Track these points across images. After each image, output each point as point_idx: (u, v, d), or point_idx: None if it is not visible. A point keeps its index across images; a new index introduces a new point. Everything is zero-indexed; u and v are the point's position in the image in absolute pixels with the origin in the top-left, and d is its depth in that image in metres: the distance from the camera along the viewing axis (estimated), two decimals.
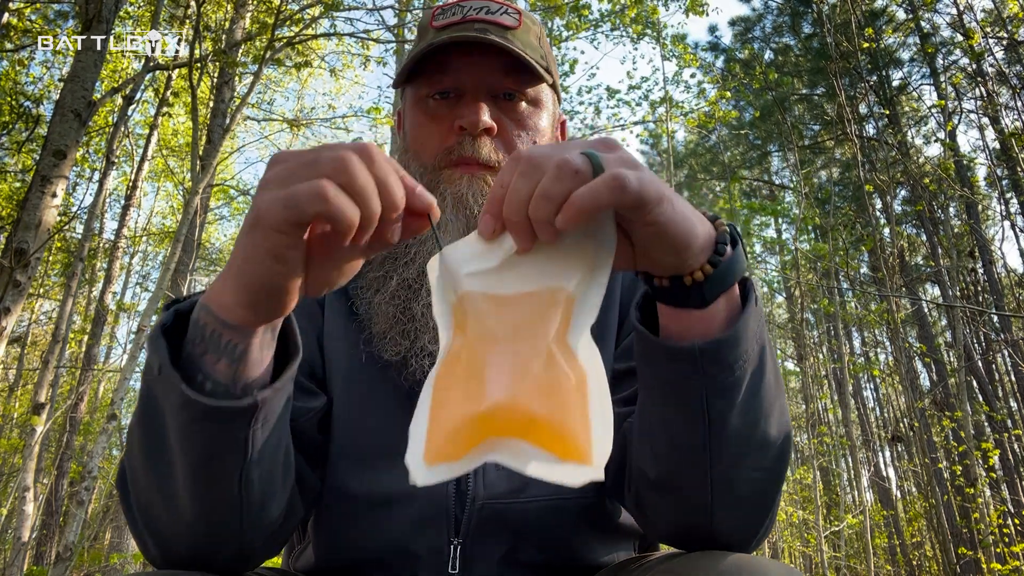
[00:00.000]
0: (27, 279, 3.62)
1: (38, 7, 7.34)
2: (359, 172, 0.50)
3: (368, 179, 0.51)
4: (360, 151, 0.51)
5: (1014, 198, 11.15)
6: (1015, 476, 10.96)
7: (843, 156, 12.60)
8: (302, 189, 0.49)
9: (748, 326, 0.62)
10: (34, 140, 7.28)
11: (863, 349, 15.13)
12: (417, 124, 0.92)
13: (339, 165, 0.50)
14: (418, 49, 0.89)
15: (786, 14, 13.46)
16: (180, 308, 0.63)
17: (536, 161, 0.52)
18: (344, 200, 0.49)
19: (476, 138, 0.87)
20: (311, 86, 13.45)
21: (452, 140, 0.88)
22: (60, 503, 8.98)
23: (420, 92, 0.91)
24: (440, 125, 0.89)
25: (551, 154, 0.52)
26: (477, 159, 0.87)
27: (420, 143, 0.91)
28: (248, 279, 0.54)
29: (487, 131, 0.88)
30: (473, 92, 0.89)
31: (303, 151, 0.52)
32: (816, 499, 6.51)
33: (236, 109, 5.84)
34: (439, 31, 0.90)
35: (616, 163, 0.53)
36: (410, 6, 7.72)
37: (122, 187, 11.18)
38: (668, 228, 0.54)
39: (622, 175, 0.50)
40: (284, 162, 0.53)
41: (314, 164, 0.50)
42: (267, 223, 0.51)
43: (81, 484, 4.09)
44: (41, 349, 13.17)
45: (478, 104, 0.87)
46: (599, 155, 0.52)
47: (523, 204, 0.52)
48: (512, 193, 0.52)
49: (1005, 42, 9.26)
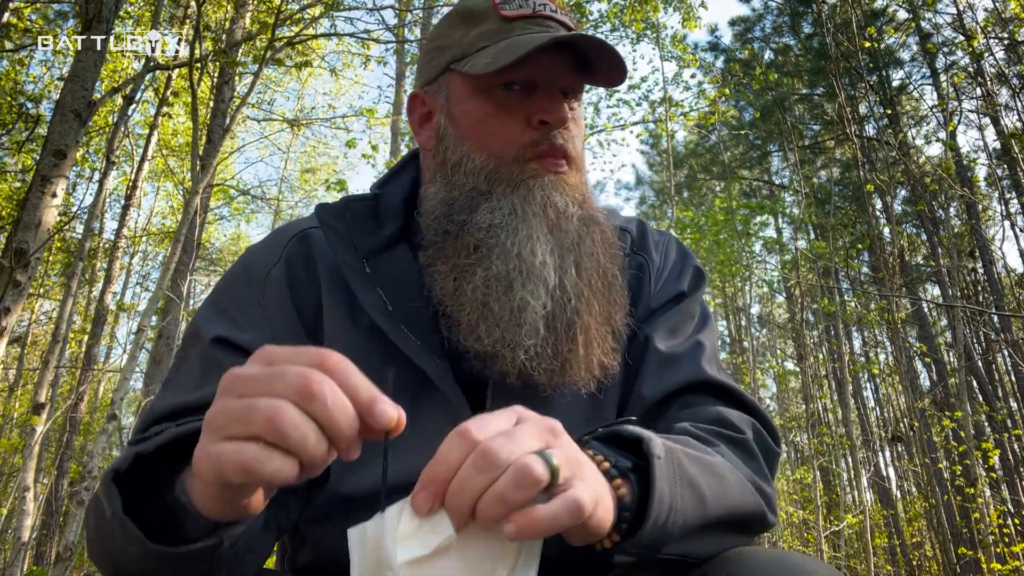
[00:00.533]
0: (27, 279, 3.62)
1: (38, 7, 7.34)
2: (293, 427, 0.50)
3: (305, 430, 0.50)
4: (302, 391, 0.50)
5: (1014, 198, 11.15)
6: (1015, 476, 10.96)
7: (843, 156, 12.61)
8: (227, 453, 0.50)
9: (661, 523, 0.64)
10: (34, 140, 7.28)
11: (863, 349, 15.14)
12: (485, 114, 0.89)
13: (272, 417, 0.50)
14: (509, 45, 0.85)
15: (786, 14, 13.46)
16: (141, 451, 0.64)
17: (493, 458, 0.52)
18: (276, 462, 0.50)
19: (560, 133, 0.88)
20: (311, 86, 13.45)
21: (532, 134, 0.88)
22: (60, 503, 8.98)
23: (483, 81, 0.89)
24: (515, 117, 0.88)
25: (509, 452, 0.52)
26: (565, 150, 0.88)
27: (490, 133, 0.89)
28: (208, 499, 0.57)
29: (564, 126, 0.89)
30: (547, 86, 0.88)
31: (249, 381, 0.53)
32: (816, 499, 6.51)
33: (236, 109, 5.84)
34: (510, 21, 0.89)
35: (567, 469, 0.54)
36: (410, 6, 7.73)
37: (122, 187, 11.18)
38: (589, 525, 0.57)
39: (580, 502, 0.53)
40: (228, 394, 0.53)
41: (247, 418, 0.51)
42: (202, 478, 0.54)
43: (81, 484, 4.09)
44: (41, 349, 13.17)
45: (560, 98, 0.88)
46: (555, 462, 0.53)
47: (474, 498, 0.52)
48: (464, 484, 0.52)
49: (1005, 42, 9.27)
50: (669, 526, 0.64)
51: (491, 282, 0.84)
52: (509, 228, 0.85)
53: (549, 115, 0.87)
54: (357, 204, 0.95)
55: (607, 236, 0.91)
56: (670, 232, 1.10)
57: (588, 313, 0.85)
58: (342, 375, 0.53)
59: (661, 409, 0.90)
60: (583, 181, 0.92)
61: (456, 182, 0.90)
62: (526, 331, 0.82)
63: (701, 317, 1.00)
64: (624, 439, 0.68)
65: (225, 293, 0.94)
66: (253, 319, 0.90)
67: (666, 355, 0.92)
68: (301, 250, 0.95)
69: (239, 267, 0.97)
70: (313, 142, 14.62)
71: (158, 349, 7.01)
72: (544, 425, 0.57)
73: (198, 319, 0.93)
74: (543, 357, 0.82)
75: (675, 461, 0.67)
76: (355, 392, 0.52)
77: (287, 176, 15.34)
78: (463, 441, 0.53)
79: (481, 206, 0.87)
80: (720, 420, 0.85)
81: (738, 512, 0.73)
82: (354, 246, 0.90)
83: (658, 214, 18.18)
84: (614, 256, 0.91)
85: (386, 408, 0.53)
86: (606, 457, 0.65)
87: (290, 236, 0.97)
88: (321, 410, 0.51)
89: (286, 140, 14.79)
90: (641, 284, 0.98)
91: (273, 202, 14.47)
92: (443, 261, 0.87)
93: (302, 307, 0.92)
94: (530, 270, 0.83)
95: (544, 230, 0.85)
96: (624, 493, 0.63)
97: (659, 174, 19.20)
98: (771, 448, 0.88)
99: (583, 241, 0.87)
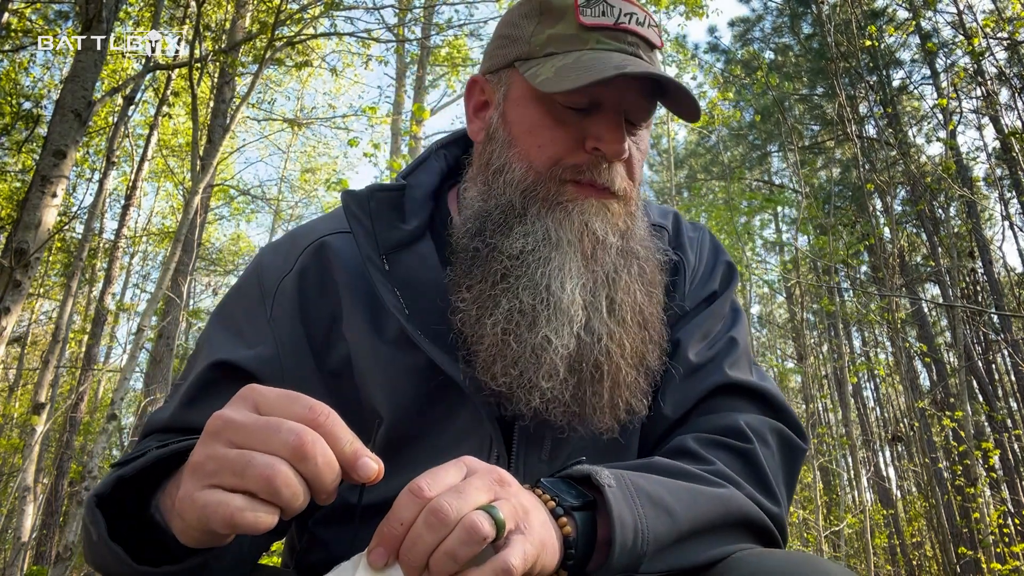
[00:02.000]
0: (27, 279, 3.62)
1: (38, 7, 7.34)
2: (286, 486, 0.52)
3: (297, 489, 0.53)
4: (296, 451, 0.52)
5: (1014, 198, 11.15)
6: (1015, 476, 10.96)
7: (843, 156, 12.60)
8: (213, 504, 0.52)
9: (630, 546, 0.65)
10: (34, 140, 7.28)
11: (863, 349, 15.13)
12: (537, 124, 0.83)
13: (270, 477, 0.51)
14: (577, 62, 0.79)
15: (786, 15, 13.46)
16: (123, 475, 0.66)
17: (443, 516, 0.53)
18: (260, 514, 0.52)
19: (611, 166, 0.82)
20: (311, 86, 13.45)
21: (583, 158, 0.82)
22: (60, 503, 8.98)
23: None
24: (568, 134, 0.82)
25: (457, 510, 0.54)
26: (610, 188, 0.82)
27: (537, 145, 0.83)
28: (185, 536, 0.58)
29: (622, 159, 0.82)
30: (615, 110, 0.81)
31: (240, 430, 0.54)
32: (816, 499, 6.51)
33: (236, 109, 5.84)
34: (588, 31, 0.81)
35: (512, 521, 0.57)
36: (410, 6, 7.73)
37: (122, 187, 11.18)
38: (535, 571, 0.59)
39: (509, 568, 0.54)
40: (217, 440, 0.54)
41: (242, 472, 0.52)
42: (185, 521, 0.55)
43: (81, 484, 4.09)
44: (41, 349, 13.17)
45: (620, 127, 0.81)
46: (500, 516, 0.55)
47: (425, 555, 0.54)
48: (416, 541, 0.54)
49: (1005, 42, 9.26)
50: (640, 546, 0.65)
51: (514, 316, 0.79)
52: (541, 257, 0.80)
53: (604, 144, 0.80)
54: (382, 194, 0.90)
55: (646, 271, 0.86)
56: (704, 226, 1.06)
57: (619, 355, 0.81)
58: (329, 431, 0.54)
59: (681, 421, 0.89)
60: (630, 211, 0.86)
61: (495, 191, 0.86)
62: (544, 372, 0.78)
63: (731, 314, 0.97)
64: (575, 478, 0.69)
65: (237, 304, 0.93)
66: (261, 334, 0.88)
67: (693, 365, 0.90)
68: (316, 261, 0.91)
69: (252, 273, 0.95)
70: (313, 142, 14.62)
71: (158, 349, 7.00)
72: (493, 477, 0.59)
73: (208, 329, 0.93)
74: (559, 401, 0.79)
75: (629, 485, 0.68)
76: (341, 448, 0.55)
77: (287, 176, 15.34)
78: (414, 499, 0.55)
79: (515, 228, 0.82)
80: (730, 429, 0.83)
81: (719, 519, 0.72)
82: (376, 239, 0.86)
83: None
84: (652, 292, 0.86)
85: (368, 463, 0.55)
86: (552, 496, 0.66)
87: (306, 245, 0.93)
88: (312, 470, 0.53)
89: (286, 140, 14.79)
90: (676, 285, 0.95)
91: (273, 202, 14.47)
92: (468, 286, 0.82)
93: (313, 322, 0.89)
94: (557, 305, 0.79)
95: (578, 261, 0.81)
96: (569, 531, 0.64)
97: (659, 174, 19.21)
98: (794, 445, 0.87)
99: (619, 276, 0.82)
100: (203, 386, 0.85)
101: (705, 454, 0.80)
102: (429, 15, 8.36)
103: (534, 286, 0.79)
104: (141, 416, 7.87)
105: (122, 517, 0.66)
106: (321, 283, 0.90)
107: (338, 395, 0.87)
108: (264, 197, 14.20)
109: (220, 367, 0.86)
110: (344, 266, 0.89)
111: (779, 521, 0.79)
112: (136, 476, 0.66)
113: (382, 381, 0.85)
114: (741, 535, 0.75)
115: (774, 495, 0.80)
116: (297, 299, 0.89)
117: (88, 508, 0.64)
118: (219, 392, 0.84)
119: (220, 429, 0.54)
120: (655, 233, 0.94)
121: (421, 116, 6.77)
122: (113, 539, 0.63)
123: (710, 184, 14.16)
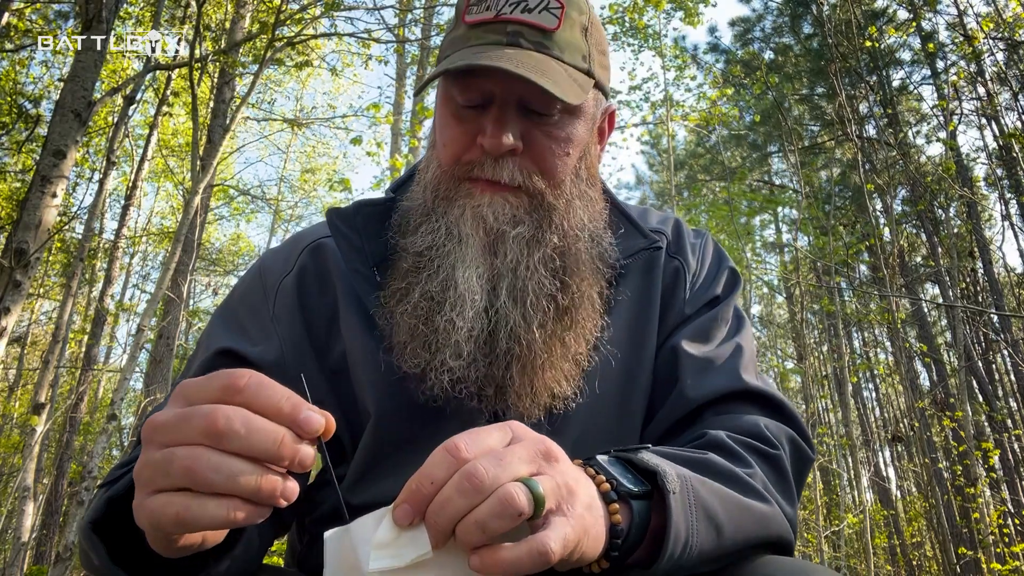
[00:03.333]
0: (27, 279, 3.62)
1: (38, 7, 7.34)
2: (213, 471, 0.49)
3: (230, 469, 0.49)
4: (209, 433, 0.49)
5: (1014, 199, 11.15)
6: (1015, 476, 10.96)
7: (843, 156, 12.61)
8: (159, 507, 0.51)
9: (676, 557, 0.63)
10: (34, 140, 7.28)
11: (863, 349, 15.13)
12: (443, 124, 0.86)
13: (189, 467, 0.49)
14: (437, 69, 0.82)
15: (786, 15, 13.46)
16: (113, 495, 0.65)
17: (477, 482, 0.51)
18: (211, 509, 0.50)
19: (497, 160, 0.82)
20: (311, 86, 13.45)
21: (474, 154, 0.83)
22: (60, 503, 8.98)
23: (450, 91, 0.84)
24: (465, 132, 0.84)
25: (495, 477, 0.51)
26: (498, 181, 0.82)
27: (443, 144, 0.86)
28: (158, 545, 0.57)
29: (511, 151, 0.82)
30: (502, 103, 0.81)
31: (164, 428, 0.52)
32: (816, 499, 6.51)
33: (236, 109, 5.84)
34: (471, 28, 0.83)
35: (553, 500, 0.54)
36: (410, 6, 7.73)
37: (122, 187, 11.18)
38: (573, 558, 0.56)
39: (547, 551, 0.51)
40: (150, 445, 0.52)
41: (166, 471, 0.50)
42: (144, 529, 0.55)
43: (81, 484, 4.09)
44: (41, 349, 13.17)
45: (503, 122, 0.81)
46: (540, 491, 0.52)
47: (454, 520, 0.51)
48: (445, 504, 0.51)
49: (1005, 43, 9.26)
50: (685, 559, 0.64)
51: (422, 303, 0.83)
52: (442, 251, 0.83)
53: (484, 139, 0.81)
54: (369, 209, 0.92)
55: (567, 259, 0.86)
56: (707, 232, 1.06)
57: (529, 339, 0.82)
58: (253, 395, 0.51)
59: (697, 415, 0.88)
60: (545, 201, 0.85)
61: (416, 192, 0.90)
62: (451, 352, 0.80)
63: (736, 320, 0.97)
64: (634, 464, 0.67)
65: (240, 302, 0.94)
66: (265, 332, 0.90)
67: (701, 359, 0.90)
68: (315, 261, 0.93)
69: (254, 275, 0.96)
70: (313, 142, 14.62)
71: (158, 349, 7.00)
72: (538, 447, 0.55)
73: (210, 327, 0.94)
74: (471, 380, 0.81)
75: (690, 493, 0.66)
76: (276, 409, 0.51)
77: (287, 176, 15.34)
78: (450, 458, 0.52)
79: (422, 227, 0.86)
80: (756, 433, 0.83)
81: (756, 539, 0.72)
82: (365, 252, 0.89)
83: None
84: (572, 280, 0.85)
85: (311, 415, 0.52)
86: (608, 479, 0.63)
87: (304, 246, 0.95)
88: (240, 443, 0.49)
89: (286, 140, 14.79)
90: (676, 289, 0.95)
91: (273, 202, 14.47)
92: (387, 282, 0.87)
93: (313, 320, 0.91)
94: (459, 291, 0.81)
95: (477, 253, 0.83)
96: (619, 520, 0.61)
97: (659, 174, 19.21)
98: (804, 455, 0.87)
99: (519, 265, 0.83)
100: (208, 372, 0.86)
101: (745, 455, 0.79)
102: (429, 15, 8.36)
103: (439, 277, 0.83)
104: (141, 416, 7.86)
105: (118, 535, 0.65)
106: (320, 282, 0.92)
107: (339, 393, 0.89)
108: (264, 197, 14.21)
109: (225, 354, 0.87)
110: (339, 266, 0.92)
111: (795, 529, 0.80)
112: (126, 494, 0.64)
113: (373, 380, 0.86)
114: (768, 550, 0.75)
115: (794, 504, 0.81)
116: (298, 298, 0.91)
117: (84, 534, 0.63)
118: None
119: (151, 433, 0.52)
120: (656, 238, 0.94)
121: (424, 115, 6.77)
122: (114, 562, 0.62)
123: (711, 185, 14.18)
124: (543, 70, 0.78)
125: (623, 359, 0.89)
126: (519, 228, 0.83)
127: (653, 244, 0.93)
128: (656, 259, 0.95)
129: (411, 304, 0.83)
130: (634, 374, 0.90)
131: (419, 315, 0.82)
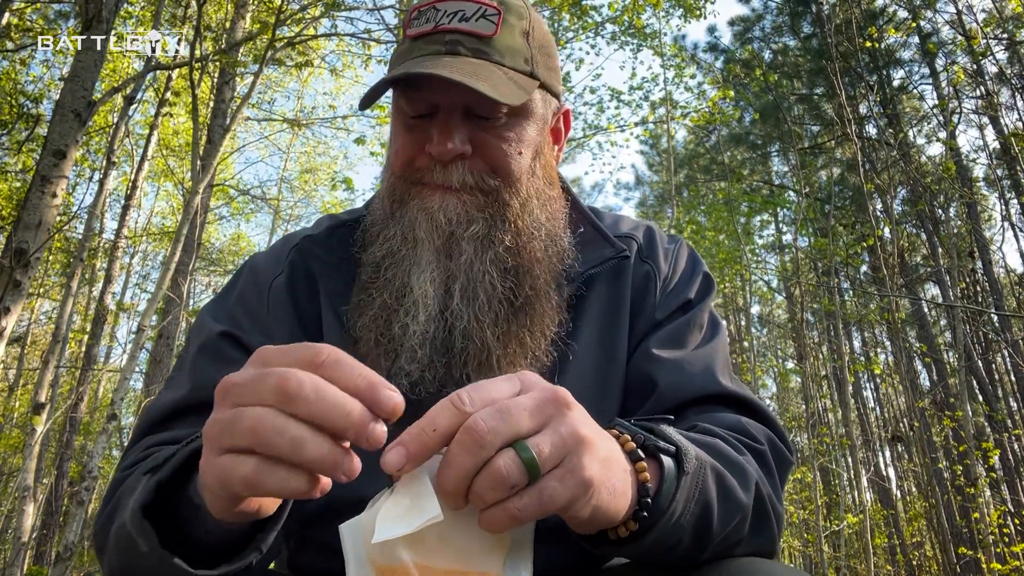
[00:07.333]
0: (27, 279, 3.62)
1: (38, 7, 7.34)
2: (276, 434, 0.48)
3: (293, 434, 0.48)
4: (279, 394, 0.49)
5: (1014, 199, 11.15)
6: (1015, 476, 10.96)
7: (843, 156, 12.60)
8: (228, 467, 0.50)
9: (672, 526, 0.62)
10: (34, 140, 7.28)
11: (863, 349, 15.14)
12: (394, 135, 0.90)
13: (254, 427, 0.48)
14: (377, 81, 0.85)
15: (785, 14, 13.47)
16: (162, 478, 0.62)
17: (478, 436, 0.50)
18: (278, 476, 0.49)
19: (446, 165, 0.84)
20: (311, 86, 13.44)
21: (423, 161, 0.86)
22: (60, 503, 8.98)
23: (399, 103, 0.87)
24: (414, 141, 0.86)
25: (494, 432, 0.50)
26: (447, 186, 0.85)
27: (395, 152, 0.89)
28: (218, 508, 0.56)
29: (460, 156, 0.84)
30: (447, 111, 0.84)
31: (237, 388, 0.51)
32: (816, 499, 6.52)
33: (236, 109, 5.84)
34: (413, 41, 0.86)
35: (561, 451, 0.52)
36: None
37: (122, 187, 11.19)
38: (594, 515, 0.55)
39: (552, 494, 0.51)
40: (222, 403, 0.52)
41: (231, 431, 0.50)
42: (210, 490, 0.54)
43: (81, 484, 4.09)
44: (41, 349, 13.17)
45: (448, 129, 0.83)
46: (535, 458, 0.51)
47: (462, 479, 0.50)
48: (451, 462, 0.51)
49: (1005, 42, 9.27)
50: (666, 541, 0.63)
51: (380, 314, 0.85)
52: (397, 257, 0.86)
53: (432, 147, 0.83)
54: (342, 230, 0.96)
55: (521, 260, 0.87)
56: (681, 238, 1.06)
57: (482, 338, 0.83)
58: (333, 367, 0.51)
59: (678, 413, 0.88)
60: (501, 201, 0.86)
61: (378, 203, 0.93)
62: (406, 357, 0.82)
63: (710, 326, 0.97)
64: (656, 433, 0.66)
65: (236, 300, 0.95)
66: (262, 327, 0.91)
67: (676, 363, 0.90)
68: (301, 259, 0.96)
69: (247, 274, 0.98)
70: (313, 142, 14.62)
71: (158, 349, 7.01)
72: (547, 397, 0.53)
73: (204, 318, 0.94)
74: (427, 382, 0.82)
75: (700, 480, 0.65)
76: (353, 383, 0.50)
77: (287, 176, 15.34)
78: (453, 409, 0.51)
79: (380, 235, 0.88)
80: (741, 429, 0.83)
81: (735, 538, 0.71)
82: (342, 270, 0.92)
83: (658, 215, 18.18)
84: (525, 281, 0.86)
85: (389, 394, 0.51)
86: (633, 436, 0.62)
87: (292, 246, 0.98)
88: (305, 409, 0.48)
89: (286, 140, 14.79)
90: (646, 293, 0.95)
91: (273, 202, 14.47)
92: (351, 296, 0.89)
93: (304, 316, 0.93)
94: (412, 296, 0.83)
95: (431, 255, 0.85)
96: (647, 477, 0.59)
97: (659, 174, 19.21)
98: (785, 457, 0.87)
99: (472, 265, 0.84)
100: (212, 355, 0.88)
101: (740, 446, 0.79)
102: None
103: (390, 284, 0.85)
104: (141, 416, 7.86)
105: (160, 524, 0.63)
106: (308, 279, 0.95)
107: None
108: (264, 197, 14.21)
109: (227, 337, 0.89)
110: (322, 264, 0.95)
111: (781, 525, 0.80)
112: (171, 477, 0.62)
113: None
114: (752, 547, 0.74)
115: (781, 500, 0.81)
116: (289, 295, 0.93)
117: (133, 519, 0.60)
118: (231, 359, 0.87)
119: (224, 392, 0.52)
120: (624, 244, 0.95)
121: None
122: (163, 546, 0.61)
123: (711, 185, 14.18)
124: (480, 75, 0.80)
125: (595, 365, 0.90)
126: (472, 227, 0.85)
127: (620, 253, 0.94)
128: (624, 266, 0.95)
129: (370, 316, 0.85)
130: (607, 380, 0.90)
131: (378, 325, 0.85)
